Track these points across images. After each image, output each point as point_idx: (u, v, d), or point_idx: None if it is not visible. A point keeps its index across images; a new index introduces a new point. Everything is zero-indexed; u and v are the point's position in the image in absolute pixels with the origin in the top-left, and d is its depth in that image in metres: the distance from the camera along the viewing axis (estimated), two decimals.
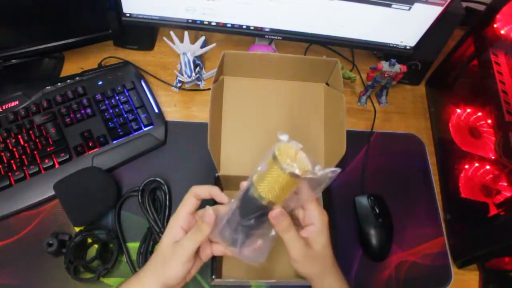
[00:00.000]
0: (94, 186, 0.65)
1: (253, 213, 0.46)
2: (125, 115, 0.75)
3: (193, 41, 0.79)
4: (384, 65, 0.80)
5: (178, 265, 0.48)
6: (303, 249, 0.49)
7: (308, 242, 0.50)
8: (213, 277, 0.61)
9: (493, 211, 0.68)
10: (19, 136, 0.70)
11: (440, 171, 0.82)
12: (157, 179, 0.68)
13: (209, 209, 0.48)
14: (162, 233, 0.64)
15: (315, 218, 0.50)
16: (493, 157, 0.71)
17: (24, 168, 0.68)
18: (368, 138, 0.83)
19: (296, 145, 0.45)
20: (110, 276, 0.63)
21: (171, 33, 0.78)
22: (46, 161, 0.68)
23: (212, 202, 0.52)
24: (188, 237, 0.49)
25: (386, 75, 0.82)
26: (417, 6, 0.70)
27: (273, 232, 0.49)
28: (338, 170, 0.45)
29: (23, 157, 0.69)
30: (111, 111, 0.75)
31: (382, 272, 0.70)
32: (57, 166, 0.69)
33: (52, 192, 0.66)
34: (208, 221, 0.48)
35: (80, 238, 0.62)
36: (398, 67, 0.81)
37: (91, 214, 0.64)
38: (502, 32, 0.72)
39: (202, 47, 0.80)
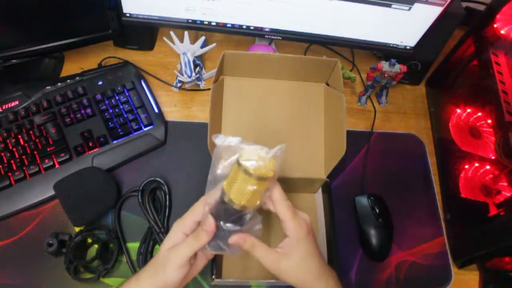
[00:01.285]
0: (94, 186, 0.65)
1: (231, 217, 0.47)
2: (125, 115, 0.75)
3: (193, 41, 0.79)
4: (384, 65, 0.80)
5: (174, 270, 0.48)
6: (276, 263, 0.49)
7: (286, 254, 0.49)
8: (213, 277, 0.61)
9: (493, 211, 0.68)
10: (19, 136, 0.70)
11: (440, 171, 0.82)
12: (157, 179, 0.68)
13: (210, 218, 0.47)
14: (162, 233, 0.64)
15: (290, 231, 0.49)
16: (493, 157, 0.71)
17: (24, 168, 0.68)
18: (368, 138, 0.83)
19: (255, 148, 0.45)
20: (110, 276, 0.63)
21: (171, 33, 0.78)
22: (46, 161, 0.68)
23: None
24: (185, 243, 0.49)
25: (386, 75, 0.82)
26: (417, 6, 0.70)
27: (257, 227, 0.49)
28: (283, 146, 0.45)
29: (23, 157, 0.69)
30: (111, 111, 0.75)
31: (382, 272, 0.70)
32: (57, 166, 0.69)
33: (52, 192, 0.66)
34: (207, 230, 0.47)
35: (80, 238, 0.62)
36: (398, 67, 0.81)
37: (91, 214, 0.64)
38: (502, 32, 0.72)
39: (202, 47, 0.80)
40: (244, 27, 0.78)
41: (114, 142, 0.73)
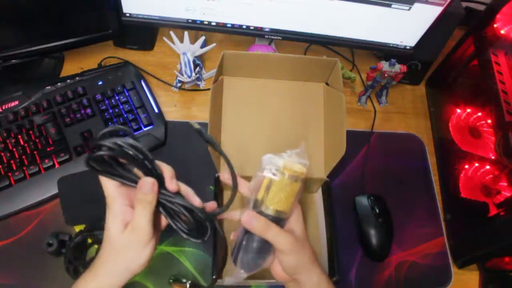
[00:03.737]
0: (96, 190, 0.65)
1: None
2: (125, 115, 0.75)
3: (193, 41, 0.79)
4: (384, 65, 0.80)
5: (140, 251, 0.43)
6: (290, 238, 0.46)
7: (290, 229, 0.48)
8: (213, 277, 0.61)
9: (493, 211, 0.68)
10: (19, 136, 0.70)
11: (440, 171, 0.82)
12: None
13: (146, 178, 0.42)
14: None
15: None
16: (493, 157, 0.71)
17: (24, 168, 0.68)
18: (368, 138, 0.83)
19: (276, 156, 0.46)
20: None
21: (171, 33, 0.78)
22: (46, 161, 0.68)
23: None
24: (137, 214, 0.42)
25: (386, 75, 0.82)
26: (417, 6, 0.70)
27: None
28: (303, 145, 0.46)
29: (23, 157, 0.69)
30: (111, 111, 0.75)
31: (382, 272, 0.70)
32: (57, 166, 0.69)
33: (52, 192, 0.66)
34: (150, 190, 0.42)
35: (80, 238, 0.62)
36: (398, 67, 0.81)
37: (85, 217, 0.64)
38: (502, 32, 0.72)
39: (202, 47, 0.80)
40: (244, 27, 0.78)
41: None
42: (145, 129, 0.75)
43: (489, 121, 0.75)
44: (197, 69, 0.81)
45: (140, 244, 0.43)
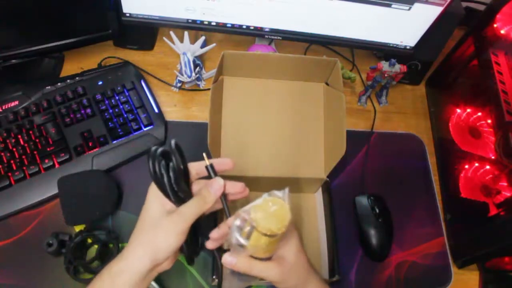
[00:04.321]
0: (95, 190, 0.65)
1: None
2: (125, 115, 0.75)
3: (193, 41, 0.79)
4: (384, 65, 0.80)
5: (172, 235, 0.42)
6: (277, 270, 0.46)
7: (278, 256, 0.47)
8: (214, 277, 0.61)
9: (493, 211, 0.68)
10: (19, 136, 0.70)
11: (440, 171, 0.82)
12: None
13: (219, 180, 0.45)
14: None
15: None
16: (493, 157, 0.71)
17: (24, 168, 0.68)
18: (368, 138, 0.83)
19: (264, 202, 0.43)
20: None
21: (171, 33, 0.78)
22: (46, 161, 0.68)
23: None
24: (189, 205, 0.43)
25: (386, 75, 0.82)
26: (417, 6, 0.70)
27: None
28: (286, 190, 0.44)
29: (23, 157, 0.69)
30: (111, 111, 0.75)
31: (382, 272, 0.70)
32: (57, 166, 0.69)
33: (52, 192, 0.66)
34: (215, 192, 0.44)
35: (80, 238, 0.62)
36: (398, 67, 0.81)
37: (85, 217, 0.64)
38: (502, 32, 0.72)
39: (202, 47, 0.80)
40: (244, 27, 0.78)
41: (114, 142, 0.73)
42: (145, 129, 0.75)
43: (489, 121, 0.75)
44: (197, 69, 0.81)
45: (174, 231, 0.42)
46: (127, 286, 0.42)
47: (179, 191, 0.43)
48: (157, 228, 0.43)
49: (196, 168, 0.47)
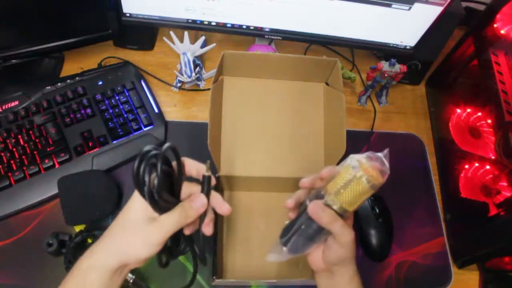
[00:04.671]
0: (96, 190, 0.65)
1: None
2: (125, 115, 0.75)
3: (193, 41, 0.79)
4: (384, 65, 0.80)
5: (146, 246, 0.41)
6: (352, 233, 0.46)
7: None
8: (214, 277, 0.61)
9: (493, 211, 0.68)
10: (19, 136, 0.70)
11: (440, 171, 0.82)
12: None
13: (203, 198, 0.44)
14: None
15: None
16: (493, 157, 0.71)
17: (24, 168, 0.68)
18: (368, 138, 0.83)
19: (363, 157, 0.45)
20: None
21: (171, 33, 0.78)
22: (46, 161, 0.68)
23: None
24: (171, 217, 0.42)
25: (386, 75, 0.82)
26: (417, 6, 0.70)
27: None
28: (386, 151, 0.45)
29: (23, 157, 0.69)
30: (111, 111, 0.75)
31: (382, 272, 0.70)
32: (57, 166, 0.69)
33: (52, 192, 0.66)
34: (198, 209, 0.43)
35: (80, 238, 0.62)
36: (398, 67, 0.81)
37: (85, 217, 0.64)
38: (502, 32, 0.72)
39: (202, 47, 0.80)
40: (244, 27, 0.78)
41: (114, 142, 0.73)
42: (145, 129, 0.75)
43: (489, 121, 0.75)
44: (197, 69, 0.81)
45: (149, 241, 0.41)
46: (98, 282, 0.42)
47: (161, 201, 0.41)
48: (134, 234, 0.42)
49: (197, 168, 0.47)
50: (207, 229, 0.46)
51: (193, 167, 0.47)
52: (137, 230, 0.42)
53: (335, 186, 0.45)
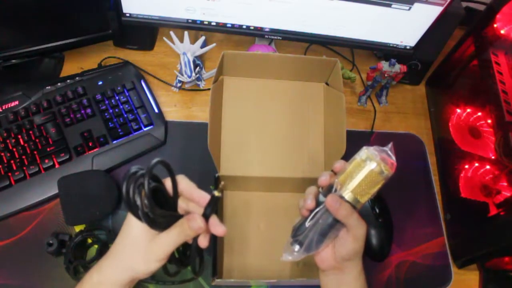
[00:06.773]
0: (96, 190, 0.65)
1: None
2: (125, 115, 0.75)
3: (193, 41, 0.79)
4: (384, 65, 0.80)
5: (151, 262, 0.43)
6: (366, 226, 0.47)
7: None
8: (214, 277, 0.61)
9: (493, 211, 0.68)
10: (19, 136, 0.70)
11: (440, 171, 0.82)
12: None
13: (198, 219, 0.43)
14: None
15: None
16: (493, 157, 0.71)
17: (24, 168, 0.68)
18: (368, 138, 0.83)
19: (372, 150, 0.48)
20: None
21: (171, 33, 0.78)
22: (46, 161, 0.68)
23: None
24: (170, 234, 0.43)
25: (386, 75, 0.82)
26: (417, 6, 0.70)
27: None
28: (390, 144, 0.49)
29: (23, 157, 0.69)
30: (111, 111, 0.75)
31: (382, 272, 0.70)
32: (57, 166, 0.69)
33: (52, 192, 0.66)
34: (196, 231, 0.43)
35: (80, 238, 0.62)
36: (398, 67, 0.81)
37: (85, 217, 0.64)
38: (502, 32, 0.72)
39: (202, 47, 0.80)
40: (244, 27, 0.78)
41: (114, 142, 0.73)
42: (145, 129, 0.75)
43: (489, 121, 0.75)
44: (197, 69, 0.81)
45: (153, 258, 0.43)
46: None
47: (157, 218, 0.41)
48: (138, 252, 0.44)
49: (197, 195, 0.46)
50: (203, 241, 0.46)
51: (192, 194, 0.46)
52: (138, 248, 0.44)
53: (349, 177, 0.46)
